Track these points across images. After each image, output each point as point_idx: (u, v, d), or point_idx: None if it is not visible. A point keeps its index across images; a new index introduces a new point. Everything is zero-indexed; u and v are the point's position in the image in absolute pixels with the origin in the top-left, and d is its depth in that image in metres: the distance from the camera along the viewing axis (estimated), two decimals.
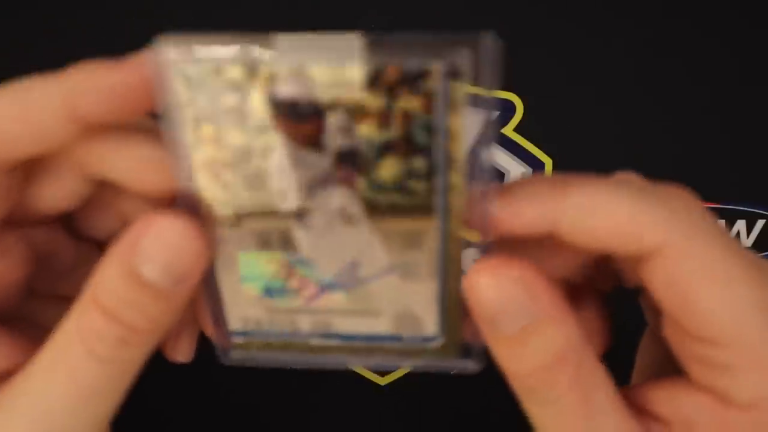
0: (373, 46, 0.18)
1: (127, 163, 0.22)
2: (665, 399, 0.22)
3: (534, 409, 0.21)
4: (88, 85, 0.20)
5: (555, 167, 0.40)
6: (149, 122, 0.22)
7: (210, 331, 0.24)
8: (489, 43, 0.18)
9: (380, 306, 0.22)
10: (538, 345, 0.20)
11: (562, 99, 0.40)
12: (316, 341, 0.23)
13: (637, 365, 0.26)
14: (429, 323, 0.22)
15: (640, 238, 0.20)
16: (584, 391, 0.21)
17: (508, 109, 0.40)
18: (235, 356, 0.24)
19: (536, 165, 0.40)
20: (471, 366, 0.23)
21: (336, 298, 0.22)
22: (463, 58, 0.18)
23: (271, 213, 0.21)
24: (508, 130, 0.40)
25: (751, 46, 0.41)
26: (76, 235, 0.25)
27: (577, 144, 0.40)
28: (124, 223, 0.24)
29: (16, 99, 0.21)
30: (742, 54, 0.41)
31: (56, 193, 0.23)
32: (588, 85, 0.41)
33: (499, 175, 0.40)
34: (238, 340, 0.23)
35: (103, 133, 0.21)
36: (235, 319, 0.23)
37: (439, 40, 0.18)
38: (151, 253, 0.20)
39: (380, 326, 0.23)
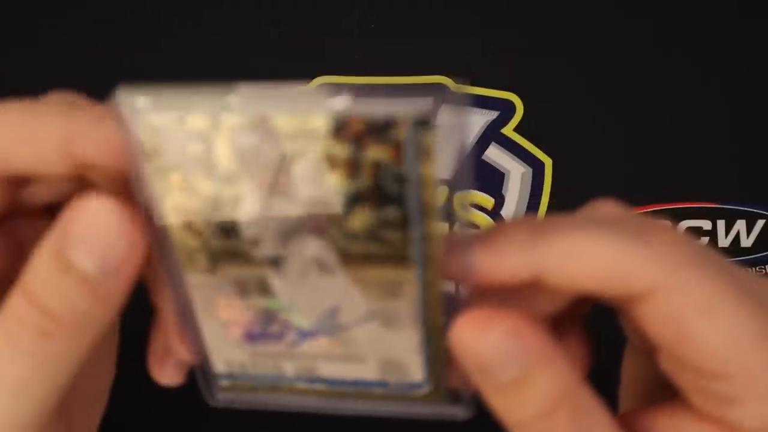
0: (338, 96, 0.18)
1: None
2: (668, 428, 0.22)
3: None
4: (90, 132, 0.20)
5: (555, 167, 0.40)
6: None
7: (196, 371, 0.23)
8: (453, 90, 0.18)
9: (364, 352, 0.22)
10: (533, 392, 0.20)
11: (562, 99, 0.40)
12: (302, 385, 0.23)
13: (623, 380, 0.26)
14: (414, 370, 0.22)
15: (629, 281, 0.20)
16: (584, 431, 0.21)
17: (508, 109, 0.40)
18: (222, 398, 0.23)
19: (536, 165, 0.40)
20: (460, 413, 0.23)
21: (319, 344, 0.22)
22: (430, 106, 0.18)
23: (245, 261, 0.20)
24: (508, 130, 0.40)
25: (751, 46, 0.41)
26: None
27: (577, 144, 0.40)
28: None
29: (19, 124, 0.20)
30: (742, 54, 0.40)
31: (41, 189, 0.23)
32: (588, 85, 0.41)
33: (499, 175, 0.40)
34: (223, 382, 0.23)
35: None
36: (219, 362, 0.22)
37: (403, 89, 0.18)
38: (80, 236, 0.19)
39: (366, 372, 0.22)
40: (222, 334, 0.22)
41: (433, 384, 0.22)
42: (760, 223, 0.39)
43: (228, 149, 0.19)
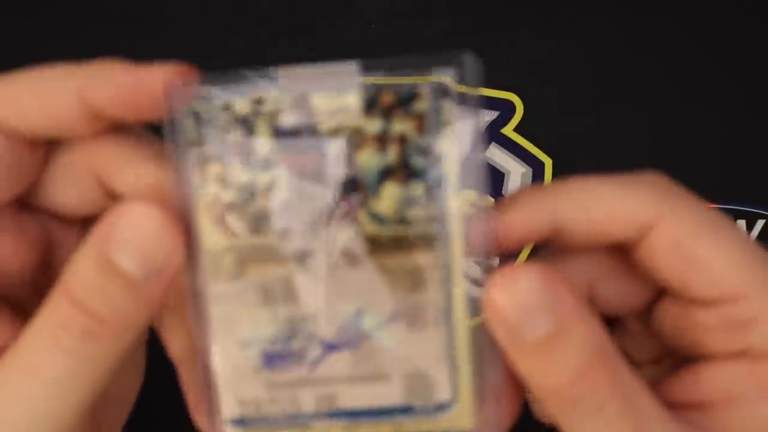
0: (368, 71, 0.19)
1: (136, 182, 0.22)
2: (695, 384, 0.21)
3: (578, 426, 0.20)
4: (104, 80, 0.21)
5: (555, 167, 0.40)
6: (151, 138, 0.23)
7: (202, 421, 0.22)
8: (470, 61, 0.19)
9: (388, 367, 0.21)
10: (570, 348, 0.19)
11: (562, 99, 0.40)
12: (320, 425, 0.22)
13: None
14: (441, 383, 0.21)
15: (637, 214, 0.21)
16: (627, 394, 0.20)
17: (508, 109, 0.40)
18: None
19: (536, 165, 0.40)
20: None
21: (341, 361, 0.21)
22: (448, 78, 0.19)
23: (273, 258, 0.20)
24: (508, 130, 0.40)
25: (750, 46, 0.41)
26: None
27: (577, 144, 0.40)
28: None
29: (35, 82, 0.21)
30: (741, 54, 0.41)
31: (70, 194, 0.23)
32: (588, 85, 0.41)
33: (499, 175, 0.40)
34: (234, 431, 0.22)
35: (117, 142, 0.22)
36: (230, 404, 0.21)
37: (425, 61, 0.20)
38: (124, 239, 0.19)
39: (389, 394, 0.21)
40: (239, 360, 0.21)
41: (460, 402, 0.22)
42: (760, 223, 0.39)
43: (267, 133, 0.20)
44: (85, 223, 0.25)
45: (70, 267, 0.20)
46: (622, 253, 0.23)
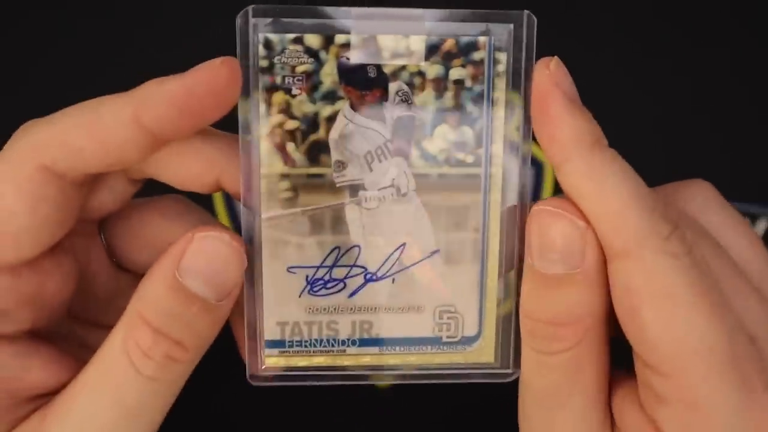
0: (434, 19, 0.21)
1: (178, 162, 0.21)
2: (616, 408, 0.22)
3: (530, 352, 0.21)
4: (155, 97, 0.20)
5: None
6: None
7: (243, 342, 0.23)
8: (527, 19, 0.21)
9: (422, 300, 0.23)
10: (567, 296, 0.20)
11: None
12: (353, 350, 0.23)
13: None
14: (469, 318, 0.23)
15: (625, 230, 0.20)
16: (580, 362, 0.21)
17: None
18: (267, 373, 0.23)
19: (536, 165, 0.40)
20: (509, 372, 0.23)
21: (379, 292, 0.22)
22: (506, 32, 0.21)
23: (327, 188, 0.22)
24: (509, 130, 0.40)
25: (750, 46, 0.41)
26: (117, 266, 0.25)
27: None
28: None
29: (87, 114, 0.20)
30: (741, 53, 0.41)
31: (101, 197, 0.23)
32: (587, 85, 0.40)
33: None
34: (271, 353, 0.23)
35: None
36: (271, 326, 0.23)
37: (488, 15, 0.21)
38: (195, 265, 0.20)
39: (421, 325, 0.23)
40: (283, 285, 0.22)
41: (484, 338, 0.23)
42: (760, 223, 0.39)
43: (334, 67, 0.21)
44: (102, 222, 0.24)
45: (140, 294, 0.21)
46: None
